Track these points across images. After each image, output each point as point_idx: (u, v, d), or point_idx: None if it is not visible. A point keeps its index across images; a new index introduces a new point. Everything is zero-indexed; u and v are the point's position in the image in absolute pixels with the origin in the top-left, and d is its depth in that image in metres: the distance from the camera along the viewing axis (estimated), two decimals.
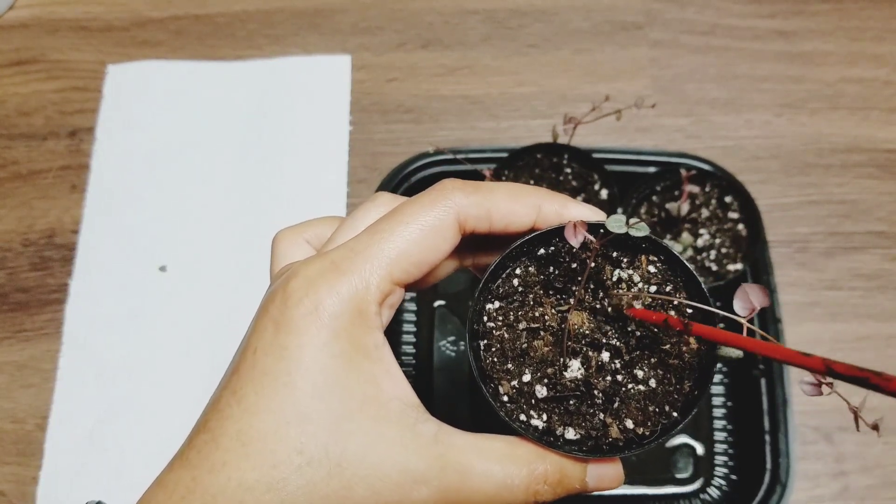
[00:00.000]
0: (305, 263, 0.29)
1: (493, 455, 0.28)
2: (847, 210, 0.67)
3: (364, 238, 0.29)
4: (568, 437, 0.30)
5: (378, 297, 0.28)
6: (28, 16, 0.76)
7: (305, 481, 0.26)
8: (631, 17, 0.76)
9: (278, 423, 0.26)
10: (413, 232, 0.29)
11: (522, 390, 0.30)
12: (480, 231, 0.31)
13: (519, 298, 0.32)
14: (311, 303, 0.27)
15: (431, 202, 0.30)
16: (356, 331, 0.28)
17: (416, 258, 0.29)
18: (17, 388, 0.61)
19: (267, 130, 0.71)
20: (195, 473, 0.26)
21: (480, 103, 0.72)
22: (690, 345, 0.30)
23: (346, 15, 0.76)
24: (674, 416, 0.29)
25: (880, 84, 0.73)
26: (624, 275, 0.31)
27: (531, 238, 0.31)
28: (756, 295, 0.28)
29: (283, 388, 0.26)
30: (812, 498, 0.57)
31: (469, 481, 0.27)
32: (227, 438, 0.26)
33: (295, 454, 0.26)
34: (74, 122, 0.71)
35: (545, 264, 0.32)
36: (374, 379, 0.28)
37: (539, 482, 0.28)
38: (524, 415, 0.30)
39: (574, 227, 0.29)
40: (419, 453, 0.27)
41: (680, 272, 0.32)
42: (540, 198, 0.31)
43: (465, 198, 0.30)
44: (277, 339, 0.27)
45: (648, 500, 0.57)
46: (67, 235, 0.66)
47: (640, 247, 0.32)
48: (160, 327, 0.63)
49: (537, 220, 0.31)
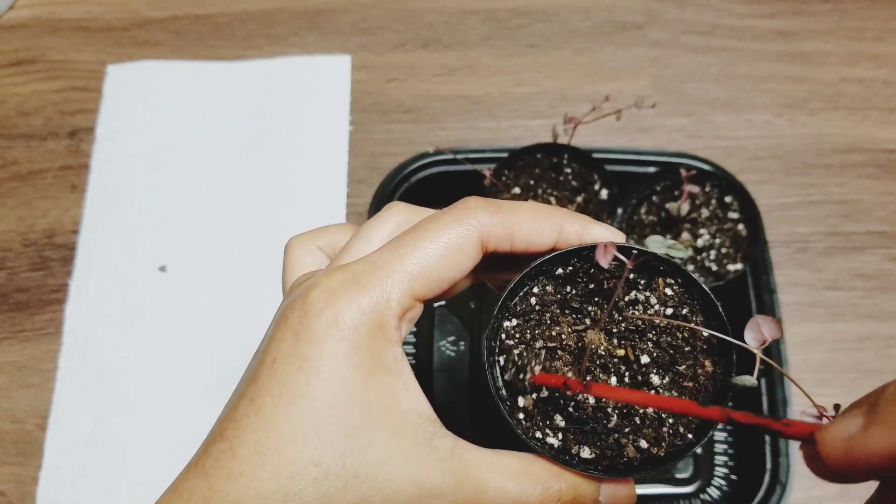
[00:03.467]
0: (326, 275, 0.29)
1: (509, 471, 0.28)
2: (847, 210, 0.67)
3: (386, 252, 0.29)
4: (583, 455, 0.30)
5: (398, 311, 0.28)
6: (28, 16, 0.76)
7: (322, 493, 0.26)
8: (631, 17, 0.76)
9: (296, 434, 0.26)
10: (436, 249, 0.29)
11: (539, 408, 0.31)
12: (502, 250, 0.31)
13: (536, 317, 0.32)
14: (331, 314, 0.27)
15: (455, 220, 0.30)
16: (376, 344, 0.28)
17: (438, 275, 0.29)
18: (17, 388, 0.61)
19: (267, 130, 0.71)
20: (212, 482, 0.26)
21: (480, 103, 0.72)
22: (706, 367, 0.30)
23: (346, 15, 0.76)
24: (689, 437, 0.30)
25: (880, 84, 0.73)
26: (641, 297, 0.32)
27: (551, 258, 0.31)
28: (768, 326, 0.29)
29: (301, 399, 0.26)
30: (812, 498, 0.57)
31: (484, 497, 0.28)
32: (245, 448, 0.26)
33: (312, 465, 0.26)
34: (74, 122, 0.71)
35: (563, 284, 0.32)
36: (393, 392, 0.28)
37: (553, 500, 0.28)
38: (540, 432, 0.30)
39: (605, 248, 0.29)
40: (435, 468, 0.27)
41: (697, 295, 0.32)
42: (562, 218, 0.31)
43: (488, 217, 0.30)
44: (297, 349, 0.27)
45: (648, 500, 0.57)
46: (67, 235, 0.66)
47: (657, 269, 0.32)
48: (160, 327, 0.63)
49: (559, 240, 0.31)
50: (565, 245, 0.31)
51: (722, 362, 0.30)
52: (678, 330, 0.31)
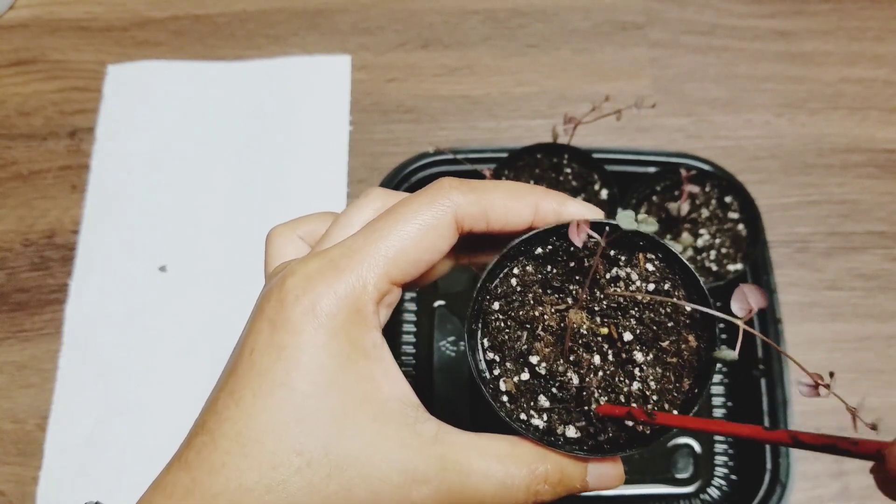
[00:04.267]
0: (302, 262, 0.29)
1: (494, 455, 0.28)
2: (847, 210, 0.67)
3: (361, 236, 0.29)
4: (569, 435, 0.30)
5: (376, 296, 0.28)
6: (28, 16, 0.76)
7: (305, 482, 0.26)
8: (631, 17, 0.76)
9: (277, 424, 0.26)
10: (411, 231, 0.29)
11: (522, 390, 0.30)
12: (478, 230, 0.31)
13: (518, 298, 0.32)
14: (308, 301, 0.27)
15: (429, 201, 0.30)
16: (354, 330, 0.28)
17: (414, 257, 0.29)
18: (17, 388, 0.61)
19: (267, 130, 0.71)
20: (194, 475, 0.26)
21: (480, 103, 0.72)
22: (690, 342, 0.30)
23: (346, 15, 0.76)
24: (674, 414, 0.29)
25: (880, 84, 0.73)
26: (622, 273, 0.31)
27: (529, 237, 0.31)
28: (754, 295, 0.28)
29: (280, 389, 0.26)
30: (812, 498, 0.57)
31: (469, 481, 0.27)
32: (226, 440, 0.26)
33: (294, 455, 0.26)
34: (74, 122, 0.71)
35: (543, 263, 0.32)
36: (373, 378, 0.28)
37: (539, 482, 0.28)
38: (524, 414, 0.30)
39: (577, 226, 0.29)
40: (419, 453, 0.27)
41: (678, 270, 0.31)
42: (537, 196, 0.31)
43: (462, 196, 0.30)
44: (274, 338, 0.27)
45: (648, 500, 0.57)
46: (67, 235, 0.66)
47: (637, 245, 0.32)
48: (160, 327, 0.63)
49: (535, 218, 0.31)
50: (543, 223, 0.31)
51: (706, 336, 0.30)
52: (661, 305, 0.31)
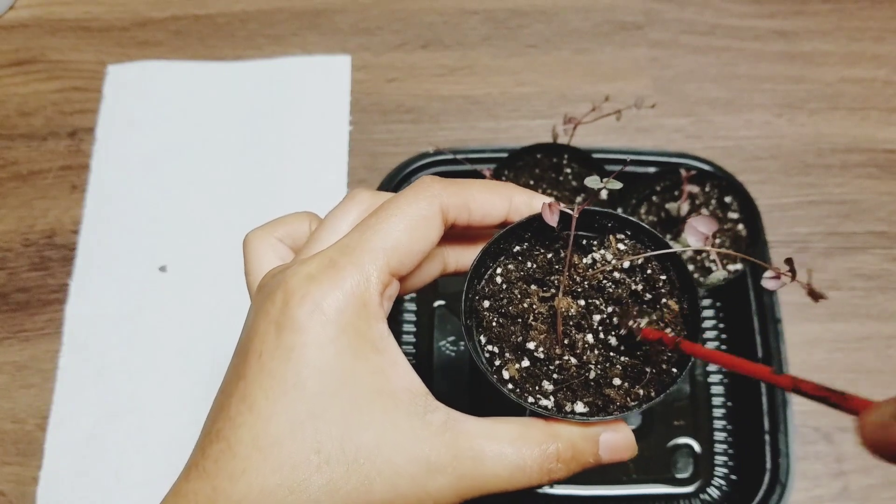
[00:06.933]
0: (302, 263, 0.29)
1: (505, 437, 0.28)
2: (847, 210, 0.67)
3: (356, 234, 0.30)
4: (578, 410, 0.31)
5: (380, 288, 0.29)
6: (28, 16, 0.76)
7: (326, 480, 0.26)
8: (631, 17, 0.76)
9: (293, 425, 0.26)
10: (404, 224, 0.30)
11: (525, 376, 0.32)
12: (461, 222, 0.32)
13: (506, 295, 0.33)
14: (313, 300, 0.27)
15: (415, 195, 0.31)
16: (361, 323, 0.28)
17: (409, 248, 0.30)
18: (17, 388, 0.61)
19: (267, 130, 0.71)
20: (215, 483, 0.26)
21: (480, 103, 0.72)
22: (672, 307, 0.32)
23: (346, 15, 0.76)
24: (673, 371, 0.31)
25: (880, 84, 0.73)
26: (597, 256, 0.33)
27: (507, 232, 0.33)
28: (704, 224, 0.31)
29: (292, 390, 0.27)
30: (812, 498, 0.57)
31: (483, 466, 0.28)
32: (243, 446, 0.26)
33: (313, 454, 0.26)
34: (74, 122, 0.71)
35: (523, 261, 0.34)
36: (382, 371, 0.28)
37: (552, 460, 0.29)
38: (532, 397, 0.31)
39: (550, 207, 0.31)
40: (431, 442, 0.27)
41: (646, 238, 0.34)
42: (511, 190, 0.33)
43: (444, 189, 0.32)
44: (281, 340, 0.27)
45: (648, 499, 0.57)
46: (67, 235, 0.66)
47: (606, 227, 0.34)
48: (160, 327, 0.63)
49: (510, 211, 0.33)
50: (517, 216, 0.33)
51: (686, 297, 0.32)
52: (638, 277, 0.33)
